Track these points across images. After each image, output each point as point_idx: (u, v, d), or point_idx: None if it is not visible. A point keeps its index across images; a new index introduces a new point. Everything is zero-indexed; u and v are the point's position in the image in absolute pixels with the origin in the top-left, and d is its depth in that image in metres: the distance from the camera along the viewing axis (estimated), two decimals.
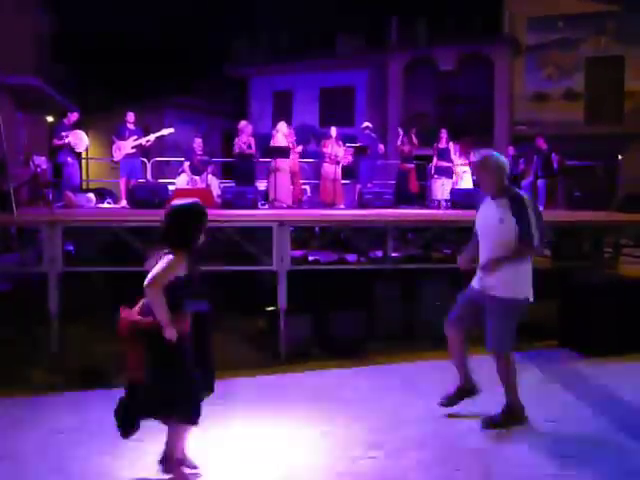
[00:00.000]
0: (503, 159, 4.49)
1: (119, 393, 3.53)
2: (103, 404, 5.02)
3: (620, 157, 13.83)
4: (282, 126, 11.33)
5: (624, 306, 6.70)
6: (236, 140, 11.14)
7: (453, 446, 4.26)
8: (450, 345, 4.74)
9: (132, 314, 3.59)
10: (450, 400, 4.80)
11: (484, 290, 4.46)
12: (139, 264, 7.17)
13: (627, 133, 20.48)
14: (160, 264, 3.48)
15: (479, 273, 4.52)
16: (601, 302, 6.66)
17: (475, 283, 4.58)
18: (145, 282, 3.45)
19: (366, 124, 12.54)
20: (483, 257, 4.48)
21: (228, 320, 6.80)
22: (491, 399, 4.69)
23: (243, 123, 11.41)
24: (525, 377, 4.70)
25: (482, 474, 3.87)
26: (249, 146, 11.03)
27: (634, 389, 5.37)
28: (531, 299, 4.45)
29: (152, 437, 4.33)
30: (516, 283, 4.36)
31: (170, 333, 3.46)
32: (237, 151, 11.10)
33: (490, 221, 4.42)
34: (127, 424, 3.62)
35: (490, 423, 4.53)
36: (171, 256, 3.49)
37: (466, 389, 4.80)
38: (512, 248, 4.30)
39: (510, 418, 4.53)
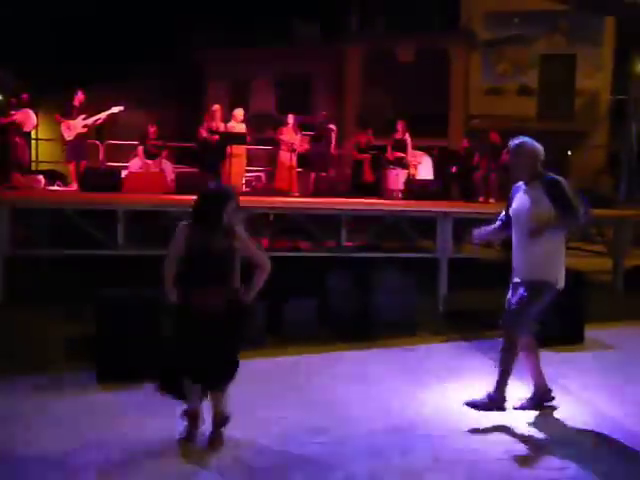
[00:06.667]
0: (538, 145, 4.50)
1: (61, 379, 3.40)
2: (45, 390, 4.97)
3: (570, 153, 14.15)
4: (238, 113, 11.26)
5: (568, 296, 6.87)
6: (204, 124, 10.93)
7: (401, 432, 4.31)
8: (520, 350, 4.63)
9: None
10: (525, 406, 4.69)
11: (517, 278, 4.51)
12: (90, 248, 7.09)
13: (577, 130, 20.99)
14: None
15: (514, 265, 4.55)
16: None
17: (512, 276, 4.61)
18: None
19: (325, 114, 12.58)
20: (516, 243, 4.53)
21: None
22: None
23: (216, 107, 11.20)
24: (476, 366, 4.77)
25: (429, 458, 3.93)
26: (215, 131, 10.82)
27: (578, 375, 5.54)
28: (561, 285, 4.46)
29: (104, 424, 4.30)
30: (545, 266, 4.39)
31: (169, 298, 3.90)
32: (205, 135, 10.88)
33: (524, 206, 4.44)
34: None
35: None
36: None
37: (541, 394, 4.73)
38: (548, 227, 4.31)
39: (491, 405, 4.56)
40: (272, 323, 6.78)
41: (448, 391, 5.11)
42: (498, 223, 4.77)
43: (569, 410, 4.74)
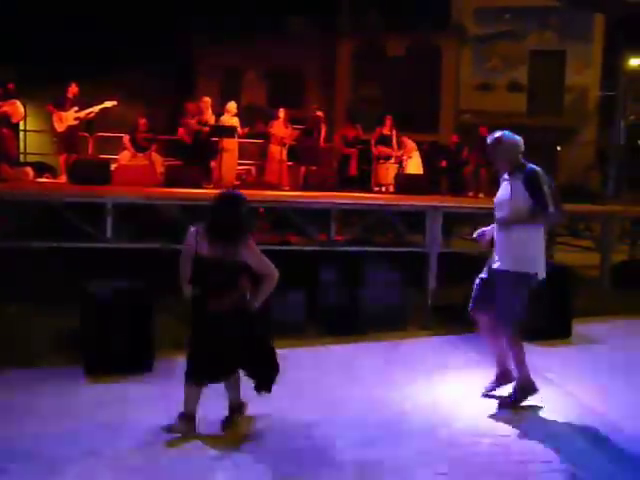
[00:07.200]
0: (517, 138, 4.62)
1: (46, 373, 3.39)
2: (30, 384, 4.96)
3: (559, 148, 14.20)
4: (231, 106, 11.21)
5: (556, 291, 6.91)
6: (196, 118, 10.88)
7: (389, 426, 4.34)
8: (481, 329, 4.84)
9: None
10: (491, 387, 4.86)
11: (496, 266, 4.62)
12: (78, 240, 7.06)
13: (566, 126, 21.10)
14: None
15: (494, 252, 4.67)
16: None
17: (491, 262, 4.72)
18: None
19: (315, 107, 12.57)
20: (496, 231, 4.66)
21: (168, 300, 6.72)
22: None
23: (207, 99, 11.15)
24: (464, 360, 4.82)
25: (418, 451, 3.96)
26: (205, 124, 10.79)
27: (565, 369, 5.59)
28: (542, 275, 4.58)
29: (89, 417, 4.30)
30: (526, 257, 4.51)
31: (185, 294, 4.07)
32: (196, 128, 10.82)
33: (504, 196, 4.61)
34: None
35: (507, 403, 4.66)
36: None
37: (504, 374, 4.84)
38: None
39: (523, 392, 4.67)
40: (261, 317, 6.78)
41: (436, 385, 5.14)
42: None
43: (556, 404, 4.79)
